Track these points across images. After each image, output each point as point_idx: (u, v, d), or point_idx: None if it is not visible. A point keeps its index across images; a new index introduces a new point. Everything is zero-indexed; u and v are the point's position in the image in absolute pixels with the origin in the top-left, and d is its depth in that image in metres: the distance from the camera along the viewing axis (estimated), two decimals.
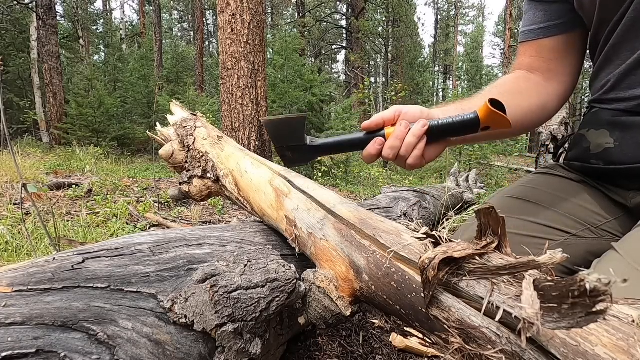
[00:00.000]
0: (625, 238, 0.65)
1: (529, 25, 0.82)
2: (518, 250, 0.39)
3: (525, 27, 0.83)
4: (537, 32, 0.81)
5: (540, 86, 0.81)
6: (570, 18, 0.78)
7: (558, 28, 0.79)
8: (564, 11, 0.78)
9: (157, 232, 0.66)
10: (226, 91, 4.03)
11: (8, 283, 0.43)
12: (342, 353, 0.87)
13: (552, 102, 0.82)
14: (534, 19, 0.81)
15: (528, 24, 0.83)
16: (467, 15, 33.36)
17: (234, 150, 0.91)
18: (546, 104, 0.81)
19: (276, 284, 0.54)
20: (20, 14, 11.58)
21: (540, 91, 0.80)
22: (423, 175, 6.51)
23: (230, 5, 3.85)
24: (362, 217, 0.58)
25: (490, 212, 0.36)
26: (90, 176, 3.91)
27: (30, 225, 1.70)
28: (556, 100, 0.82)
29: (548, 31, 0.80)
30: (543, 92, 0.80)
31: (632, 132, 0.68)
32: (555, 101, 0.82)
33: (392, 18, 19.76)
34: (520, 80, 0.82)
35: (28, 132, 10.63)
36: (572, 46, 0.81)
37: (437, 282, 0.39)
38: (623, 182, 0.74)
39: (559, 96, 0.82)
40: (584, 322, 0.27)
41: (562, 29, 0.79)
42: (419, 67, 20.95)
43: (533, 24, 0.82)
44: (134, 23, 22.65)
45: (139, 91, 10.81)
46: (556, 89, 0.82)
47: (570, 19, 0.78)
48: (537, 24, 0.81)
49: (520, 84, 0.81)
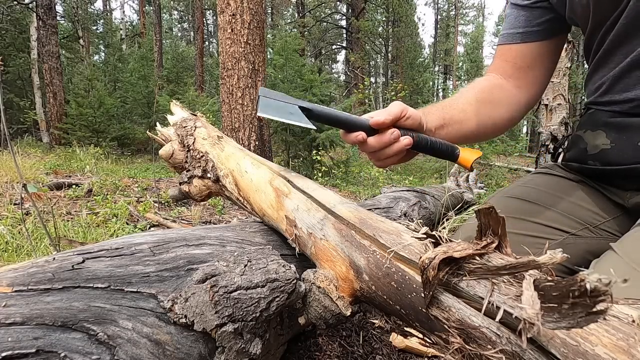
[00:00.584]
0: (623, 238, 0.65)
1: (508, 29, 0.84)
2: (518, 250, 0.39)
3: (505, 31, 0.85)
4: (515, 36, 0.83)
5: (511, 96, 0.84)
6: (549, 26, 0.79)
7: (537, 34, 0.81)
8: (544, 19, 0.79)
9: (157, 232, 0.66)
10: (226, 91, 4.03)
11: (8, 283, 0.43)
12: (342, 353, 0.87)
13: (518, 112, 0.86)
14: (515, 23, 0.83)
15: (508, 27, 0.84)
16: (467, 15, 33.35)
17: (234, 150, 0.91)
18: (513, 115, 0.85)
19: (276, 284, 0.54)
20: (20, 14, 11.58)
21: (510, 102, 0.84)
22: (423, 176, 6.51)
23: (230, 5, 3.85)
24: (362, 217, 0.58)
25: (490, 212, 0.36)
26: (90, 176, 3.91)
27: (30, 225, 1.70)
28: (523, 109, 0.86)
29: (526, 36, 0.81)
30: (513, 102, 0.84)
31: (627, 133, 0.68)
32: (522, 110, 0.86)
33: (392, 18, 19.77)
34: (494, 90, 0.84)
35: (28, 132, 10.63)
36: (547, 54, 0.83)
37: (437, 282, 0.39)
38: (620, 183, 0.75)
39: (526, 105, 0.86)
40: (584, 322, 0.27)
41: (540, 35, 0.80)
42: (419, 67, 20.94)
43: (512, 28, 0.83)
44: (134, 23, 22.66)
45: (139, 91, 10.80)
46: (525, 96, 0.85)
47: (549, 27, 0.80)
48: (517, 28, 0.82)
49: (494, 93, 0.83)
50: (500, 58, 0.87)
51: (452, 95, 0.85)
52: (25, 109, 10.61)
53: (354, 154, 6.69)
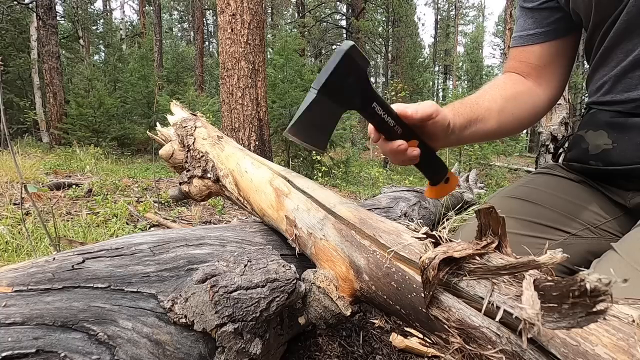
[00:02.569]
0: (624, 238, 0.65)
1: (519, 32, 0.84)
2: (518, 250, 0.39)
3: (516, 33, 0.85)
4: (525, 38, 0.82)
5: (533, 92, 0.82)
6: (559, 26, 0.79)
7: (546, 35, 0.80)
8: (553, 18, 0.79)
9: (157, 232, 0.66)
10: (226, 91, 4.03)
11: (8, 283, 0.43)
12: (342, 353, 0.87)
13: (541, 107, 0.84)
14: (524, 26, 0.83)
15: (519, 30, 0.84)
16: (467, 15, 33.36)
17: (234, 150, 0.91)
18: (537, 110, 0.84)
19: (276, 284, 0.54)
20: (20, 14, 11.58)
21: (532, 99, 0.82)
22: (423, 176, 6.51)
23: (230, 5, 3.85)
24: (362, 217, 0.58)
25: (490, 212, 0.36)
26: (90, 176, 3.91)
27: (30, 225, 1.69)
28: (545, 105, 0.85)
29: (536, 38, 0.81)
30: (535, 97, 0.82)
31: (629, 133, 0.68)
32: (544, 106, 0.85)
33: (392, 18, 19.76)
34: (517, 85, 0.83)
35: (28, 132, 10.61)
36: (560, 53, 0.82)
37: (437, 282, 0.39)
38: (621, 183, 0.75)
39: (549, 100, 0.85)
40: (584, 322, 0.27)
41: (550, 36, 0.80)
42: (419, 67, 20.92)
43: (523, 31, 0.83)
44: (134, 23, 22.64)
45: (139, 91, 10.80)
46: (546, 93, 0.84)
47: (559, 27, 0.79)
48: (527, 30, 0.82)
49: (517, 88, 0.82)
50: (515, 60, 0.86)
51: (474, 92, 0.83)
52: (25, 109, 10.60)
53: (354, 154, 6.69)
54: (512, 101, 0.80)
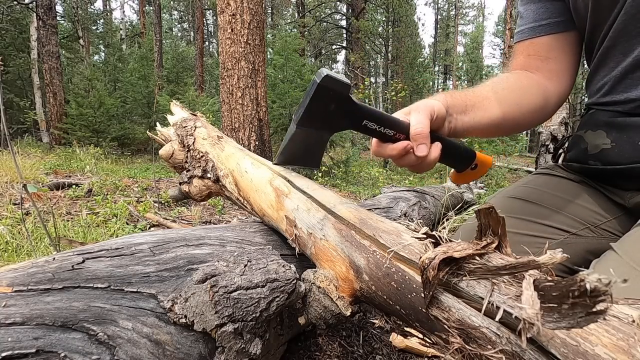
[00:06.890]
0: (623, 238, 0.65)
1: (529, 23, 0.81)
2: (518, 250, 0.39)
3: (525, 26, 0.82)
4: (537, 29, 0.80)
5: (542, 84, 0.79)
6: (570, 17, 0.78)
7: (559, 25, 0.79)
8: (565, 9, 0.78)
9: (157, 232, 0.66)
10: (226, 91, 4.03)
11: (8, 283, 0.43)
12: (342, 353, 0.87)
13: (552, 102, 0.81)
14: (535, 16, 0.80)
15: (529, 21, 0.82)
16: (467, 15, 33.36)
17: (234, 150, 0.91)
18: (547, 104, 0.80)
19: (276, 284, 0.54)
20: (20, 14, 11.58)
21: (541, 89, 0.79)
22: (423, 175, 6.51)
23: (230, 5, 3.86)
24: (362, 217, 0.58)
25: (490, 212, 0.36)
26: (90, 176, 3.91)
27: (30, 225, 1.69)
28: (556, 99, 0.81)
29: (550, 28, 0.79)
30: (544, 90, 0.79)
31: (628, 133, 0.68)
32: (555, 101, 0.81)
33: (392, 18, 19.77)
34: (522, 78, 0.80)
35: (28, 132, 10.62)
36: (571, 45, 0.80)
37: (437, 282, 0.39)
38: (621, 183, 0.75)
39: (558, 96, 0.81)
40: (584, 322, 0.27)
41: (562, 26, 0.79)
42: (419, 67, 20.92)
43: (534, 22, 0.80)
44: (134, 23, 22.66)
45: (139, 91, 10.81)
46: (556, 87, 0.81)
47: (570, 18, 0.78)
48: (539, 20, 0.80)
49: (522, 81, 0.80)
50: (522, 54, 0.83)
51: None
52: (25, 109, 10.61)
53: (354, 154, 6.69)
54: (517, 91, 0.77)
